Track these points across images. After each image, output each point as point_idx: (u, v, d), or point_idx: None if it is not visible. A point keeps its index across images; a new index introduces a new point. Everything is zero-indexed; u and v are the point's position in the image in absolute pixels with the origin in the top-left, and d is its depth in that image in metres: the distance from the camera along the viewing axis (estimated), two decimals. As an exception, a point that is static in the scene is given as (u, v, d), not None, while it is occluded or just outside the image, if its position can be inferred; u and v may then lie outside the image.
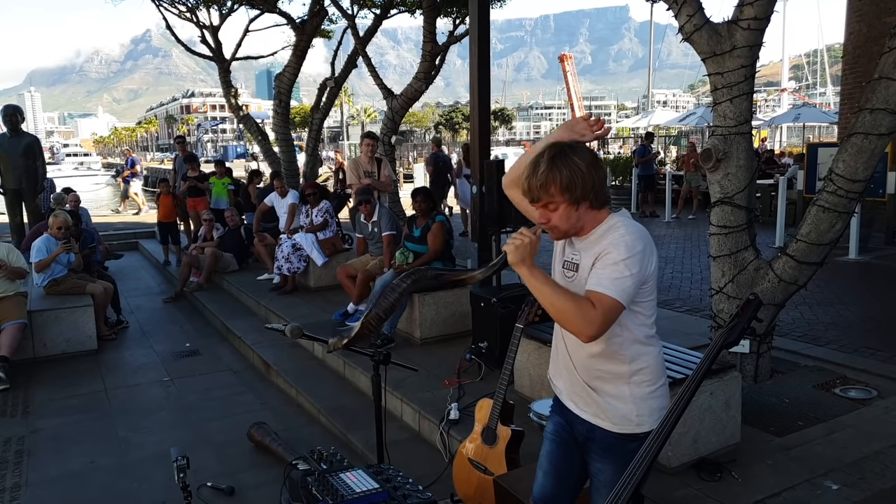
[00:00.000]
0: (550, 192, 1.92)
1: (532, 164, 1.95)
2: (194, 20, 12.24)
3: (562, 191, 1.91)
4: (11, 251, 6.06)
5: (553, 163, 1.91)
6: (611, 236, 1.99)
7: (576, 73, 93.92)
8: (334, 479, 2.20)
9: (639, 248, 1.97)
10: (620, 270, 1.92)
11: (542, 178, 1.91)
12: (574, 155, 1.93)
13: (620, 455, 2.06)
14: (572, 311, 1.88)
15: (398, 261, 5.79)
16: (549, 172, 1.91)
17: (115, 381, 5.58)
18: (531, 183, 1.94)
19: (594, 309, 1.88)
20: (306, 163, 12.59)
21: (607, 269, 1.92)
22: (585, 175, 1.92)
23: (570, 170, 1.90)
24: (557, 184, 1.90)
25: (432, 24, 8.61)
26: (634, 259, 1.95)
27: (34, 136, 9.85)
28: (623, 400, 2.07)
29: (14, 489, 3.76)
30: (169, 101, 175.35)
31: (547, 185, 1.91)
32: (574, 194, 1.92)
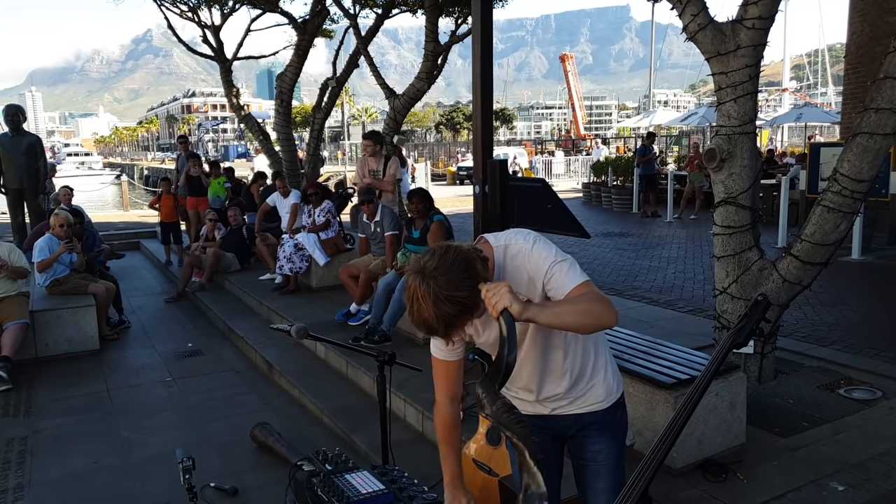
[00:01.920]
0: (457, 327, 1.77)
1: (420, 320, 1.74)
2: (196, 20, 12.22)
3: (466, 317, 1.76)
4: (13, 251, 6.05)
5: (437, 312, 1.70)
6: (520, 257, 1.91)
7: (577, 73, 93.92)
8: (339, 481, 2.19)
9: (545, 242, 1.92)
10: (567, 264, 1.88)
11: (445, 329, 1.74)
12: (440, 287, 1.69)
13: (615, 427, 2.15)
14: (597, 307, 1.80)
15: (400, 262, 5.78)
16: (443, 320, 1.72)
17: (117, 382, 5.57)
18: (440, 334, 1.77)
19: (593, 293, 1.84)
20: (308, 162, 12.58)
21: (555, 275, 1.87)
22: (467, 296, 1.71)
23: (456, 305, 1.70)
24: (459, 320, 1.74)
25: (434, 23, 8.60)
26: (553, 250, 1.90)
27: (36, 135, 9.84)
28: (600, 376, 2.12)
29: (17, 489, 3.75)
30: (170, 101, 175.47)
31: (451, 328, 1.75)
32: (471, 312, 1.76)
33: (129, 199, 19.95)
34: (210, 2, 11.85)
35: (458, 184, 28.28)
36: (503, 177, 5.10)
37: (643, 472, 1.78)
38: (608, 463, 2.14)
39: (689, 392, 1.92)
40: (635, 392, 3.40)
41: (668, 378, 3.34)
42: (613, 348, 3.86)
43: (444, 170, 33.91)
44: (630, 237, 11.55)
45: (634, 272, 8.56)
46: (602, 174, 18.07)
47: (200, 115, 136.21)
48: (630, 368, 3.47)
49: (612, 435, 2.16)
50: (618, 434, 2.18)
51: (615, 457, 2.15)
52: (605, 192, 17.04)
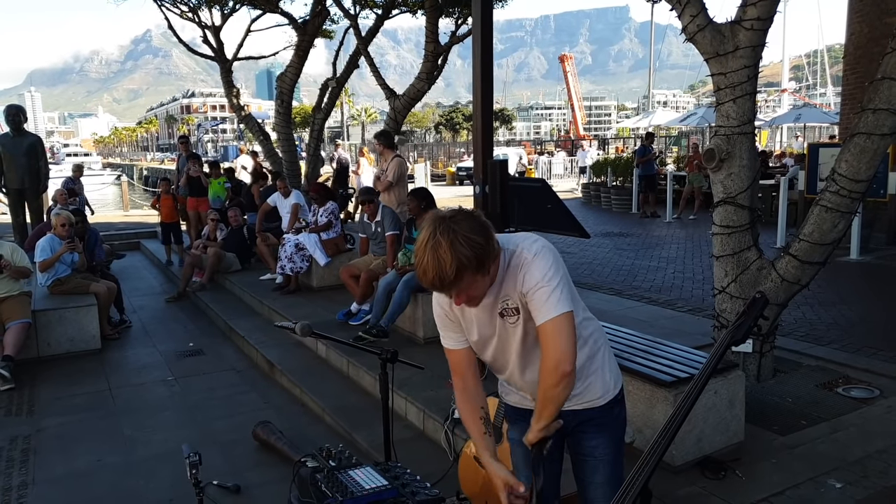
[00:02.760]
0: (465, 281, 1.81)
1: (432, 262, 1.76)
2: (196, 20, 12.25)
3: (475, 274, 1.81)
4: (15, 250, 6.07)
5: (455, 254, 1.75)
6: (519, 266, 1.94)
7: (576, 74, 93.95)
8: (343, 476, 2.22)
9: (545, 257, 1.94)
10: (550, 289, 1.91)
11: (452, 274, 1.76)
12: (463, 231, 1.77)
13: (613, 423, 2.20)
14: (556, 383, 1.92)
15: (401, 262, 5.81)
16: (455, 264, 1.75)
17: (119, 381, 5.60)
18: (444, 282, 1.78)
19: (556, 343, 1.91)
20: (308, 163, 12.60)
21: (542, 297, 1.91)
22: (485, 247, 1.80)
23: (475, 250, 1.77)
24: (470, 271, 1.79)
25: (435, 24, 8.63)
26: (550, 269, 1.93)
27: (37, 135, 9.86)
28: (598, 375, 2.16)
29: (21, 487, 3.77)
30: (169, 102, 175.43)
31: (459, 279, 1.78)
32: (486, 267, 1.84)
33: (129, 200, 19.96)
34: (210, 2, 11.88)
35: (458, 184, 28.30)
36: (503, 177, 5.14)
37: (643, 467, 1.81)
38: (606, 458, 2.18)
39: (688, 389, 1.94)
40: (635, 390, 3.43)
41: (667, 376, 3.36)
42: (613, 347, 3.88)
43: (443, 170, 33.92)
44: (629, 237, 11.58)
45: (634, 272, 8.59)
46: (601, 174, 18.10)
47: (200, 115, 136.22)
48: (630, 367, 3.50)
49: (610, 431, 2.20)
50: (616, 430, 2.23)
51: (613, 452, 2.20)
52: (605, 193, 17.08)
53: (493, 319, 2.05)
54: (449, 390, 4.34)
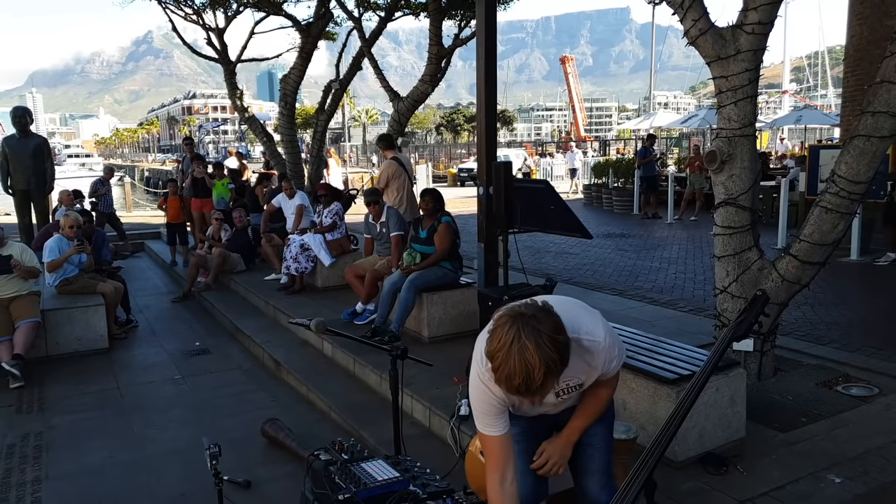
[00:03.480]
0: (548, 386, 1.80)
1: (519, 366, 1.72)
2: (200, 23, 12.32)
3: (557, 377, 1.80)
4: (25, 251, 6.14)
5: (542, 358, 1.72)
6: (596, 354, 2.04)
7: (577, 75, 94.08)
8: (356, 469, 2.28)
9: (614, 338, 2.10)
10: (621, 355, 2.14)
11: (540, 380, 1.74)
12: (546, 331, 1.75)
13: (608, 412, 2.33)
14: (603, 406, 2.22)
15: (405, 261, 5.86)
16: (544, 370, 1.73)
17: (127, 379, 5.67)
18: (530, 388, 1.75)
19: (609, 386, 2.21)
20: (311, 164, 12.66)
21: (616, 365, 2.13)
22: (567, 345, 1.79)
23: (559, 352, 1.75)
24: (554, 376, 1.78)
25: (438, 26, 8.70)
26: (617, 341, 2.11)
27: (43, 137, 9.93)
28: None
29: (35, 482, 3.84)
30: (170, 103, 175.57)
31: (546, 384, 1.77)
32: (567, 365, 1.82)
33: (132, 201, 20.05)
34: (215, 4, 11.95)
35: (459, 185, 28.39)
36: (507, 178, 5.20)
37: (647, 459, 1.88)
38: (601, 446, 2.30)
39: (690, 385, 2.02)
40: (638, 388, 3.50)
41: (669, 374, 3.43)
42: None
43: (444, 171, 34.00)
44: (631, 238, 11.64)
45: (636, 272, 8.65)
46: (603, 176, 18.17)
47: (201, 116, 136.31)
48: (633, 364, 3.56)
49: (606, 419, 2.34)
50: (609, 418, 2.37)
51: (608, 440, 2.33)
52: (606, 194, 17.15)
53: (546, 402, 2.16)
54: (455, 388, 4.40)
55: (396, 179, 7.41)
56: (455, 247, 5.86)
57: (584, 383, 2.13)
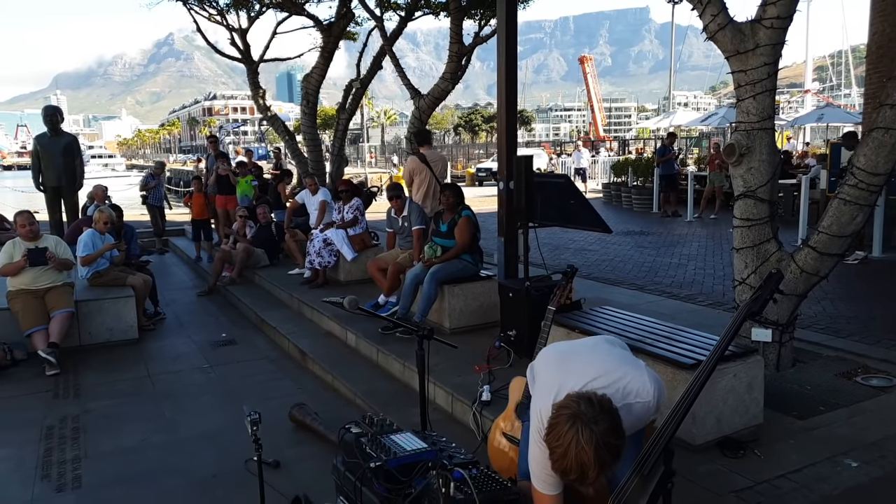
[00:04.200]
0: (605, 476, 1.94)
1: (576, 463, 1.84)
2: (224, 23, 12.55)
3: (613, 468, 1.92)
4: (59, 243, 6.35)
5: (597, 458, 1.83)
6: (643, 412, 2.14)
7: (596, 75, 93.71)
8: (385, 440, 2.40)
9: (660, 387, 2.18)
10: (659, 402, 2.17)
11: (594, 476, 1.85)
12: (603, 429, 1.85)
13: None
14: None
15: (427, 254, 5.98)
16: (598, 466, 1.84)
17: (157, 368, 5.84)
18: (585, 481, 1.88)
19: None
20: (332, 162, 12.84)
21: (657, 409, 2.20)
22: (623, 442, 1.89)
23: (613, 451, 1.86)
24: (609, 469, 1.90)
25: (459, 25, 8.81)
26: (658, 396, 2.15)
27: (73, 135, 10.17)
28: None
29: (75, 461, 4.01)
30: (191, 104, 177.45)
31: (601, 475, 1.89)
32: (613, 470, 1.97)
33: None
34: (238, 5, 12.17)
35: (478, 184, 28.47)
36: (528, 172, 5.30)
37: (668, 424, 1.97)
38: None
39: (708, 357, 2.10)
40: (656, 373, 3.57)
41: (688, 359, 3.51)
42: (637, 334, 4.03)
43: (462, 171, 34.09)
44: (650, 235, 11.67)
45: (655, 268, 8.70)
46: (622, 174, 18.17)
47: (221, 117, 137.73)
48: (651, 351, 3.65)
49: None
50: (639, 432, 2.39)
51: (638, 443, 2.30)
52: (626, 192, 17.15)
53: None
54: (476, 376, 4.51)
55: (419, 175, 7.53)
56: (475, 240, 5.96)
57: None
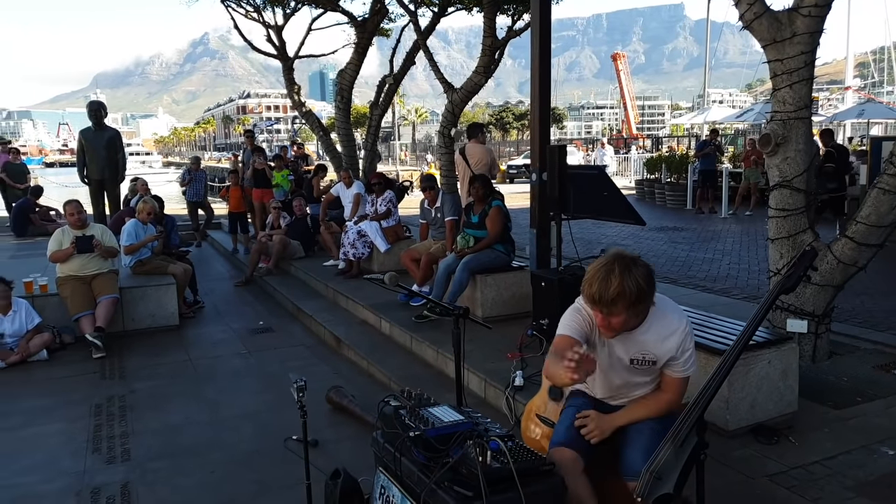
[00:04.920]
0: (618, 306, 2.21)
1: (602, 279, 2.19)
2: (260, 20, 12.78)
3: (627, 307, 2.21)
4: (105, 232, 6.58)
5: (623, 279, 2.17)
6: (673, 334, 2.35)
7: (629, 73, 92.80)
8: (424, 412, 2.47)
9: (691, 328, 2.39)
10: (691, 354, 2.38)
11: (614, 293, 2.17)
12: (637, 271, 2.20)
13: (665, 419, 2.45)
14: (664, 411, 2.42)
15: (460, 245, 6.05)
16: (620, 288, 2.17)
17: (198, 353, 6.02)
18: (602, 297, 2.20)
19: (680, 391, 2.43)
20: (365, 157, 13.00)
21: (689, 359, 2.38)
22: (647, 293, 2.23)
23: (637, 287, 2.18)
24: (626, 300, 2.19)
25: (492, 19, 8.84)
26: (687, 333, 2.37)
27: (116, 130, 10.46)
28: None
29: (123, 436, 4.19)
30: (225, 102, 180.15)
31: (616, 301, 2.19)
32: (636, 310, 2.26)
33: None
34: (274, 2, 12.39)
35: (508, 182, 28.44)
36: (562, 163, 5.32)
37: (703, 394, 2.01)
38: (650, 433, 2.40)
39: (742, 332, 2.14)
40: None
41: (721, 345, 3.52)
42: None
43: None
44: (684, 231, 11.58)
45: (689, 263, 8.65)
46: (655, 171, 18.02)
47: (255, 115, 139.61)
48: (685, 337, 3.66)
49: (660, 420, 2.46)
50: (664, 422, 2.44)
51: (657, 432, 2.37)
52: (659, 189, 17.00)
53: (618, 361, 2.46)
54: (508, 363, 4.58)
55: (458, 167, 7.63)
56: (507, 230, 6.02)
57: (656, 361, 2.40)
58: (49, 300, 6.30)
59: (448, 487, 2.17)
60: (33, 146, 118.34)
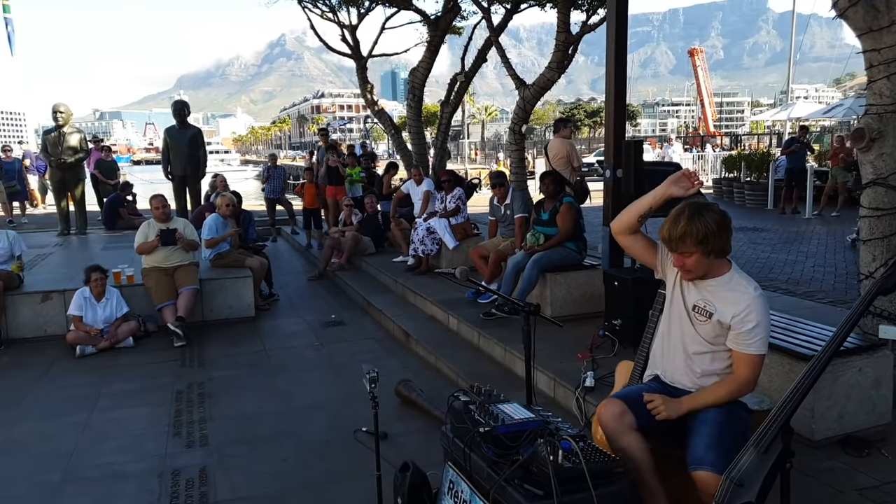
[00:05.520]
0: (687, 243, 2.35)
1: (672, 218, 2.37)
2: (335, 20, 13.06)
3: (696, 244, 2.34)
4: (187, 226, 6.86)
5: (691, 220, 2.33)
6: (741, 295, 2.41)
7: (706, 68, 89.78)
8: (494, 408, 2.45)
9: (765, 304, 2.41)
10: (762, 329, 2.38)
11: (681, 231, 2.34)
12: (708, 215, 2.34)
13: (733, 408, 2.47)
14: (733, 393, 2.43)
15: (529, 242, 5.99)
16: (687, 227, 2.33)
17: (272, 344, 6.20)
18: (671, 234, 2.37)
19: (748, 372, 2.42)
20: (435, 155, 13.08)
21: (755, 334, 2.38)
22: (717, 229, 2.34)
23: (706, 227, 2.32)
24: (693, 237, 2.33)
25: (566, 14, 8.73)
26: (766, 314, 2.40)
27: (198, 128, 10.89)
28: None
29: (201, 422, 4.35)
30: (300, 102, 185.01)
31: (684, 238, 2.34)
32: (706, 248, 2.35)
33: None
34: (349, 2, 12.62)
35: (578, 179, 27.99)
36: (638, 159, 5.19)
37: (789, 400, 1.91)
38: (716, 422, 2.37)
39: (832, 337, 2.02)
40: (772, 363, 3.44)
41: (807, 350, 3.35)
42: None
43: (564, 166, 33.58)
44: (765, 232, 11.10)
45: (770, 265, 8.28)
46: (734, 170, 17.35)
47: (328, 115, 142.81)
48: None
49: (727, 408, 2.45)
50: (732, 411, 2.46)
51: (721, 423, 2.38)
52: (738, 188, 16.35)
53: (681, 308, 2.56)
54: (578, 363, 4.49)
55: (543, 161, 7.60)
56: (579, 227, 5.91)
57: (713, 314, 2.44)
58: (135, 290, 6.61)
59: (518, 485, 2.14)
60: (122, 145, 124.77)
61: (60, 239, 10.39)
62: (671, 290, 2.62)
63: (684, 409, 2.45)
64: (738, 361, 2.44)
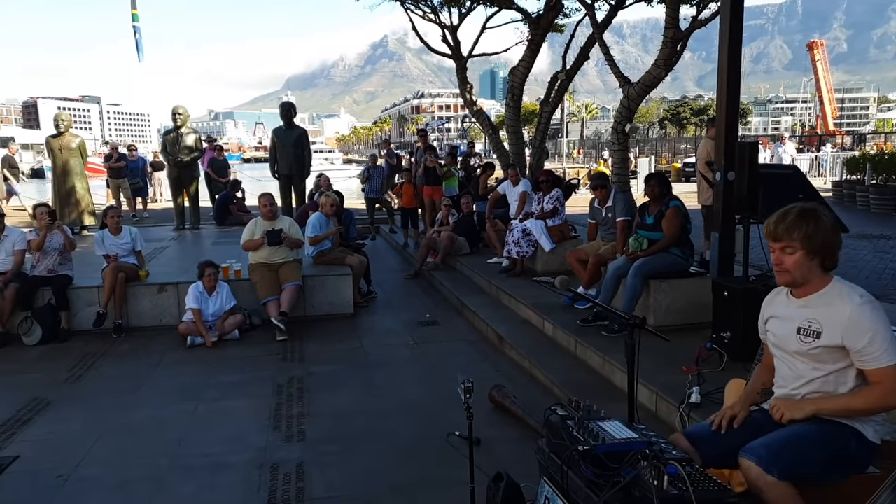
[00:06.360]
0: (793, 236, 2.24)
1: (782, 211, 2.30)
2: (437, 21, 13.15)
3: (803, 238, 2.23)
4: (292, 225, 7.10)
5: (803, 214, 2.25)
6: (844, 305, 2.24)
7: (827, 62, 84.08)
8: (593, 425, 2.34)
9: (874, 310, 2.22)
10: (882, 337, 2.18)
11: (791, 222, 2.25)
12: (822, 214, 2.26)
13: (834, 429, 2.32)
14: (870, 405, 2.24)
15: (632, 247, 5.74)
16: (797, 219, 2.24)
17: (370, 341, 6.31)
18: (777, 224, 2.28)
19: (880, 381, 2.20)
20: (532, 155, 12.90)
21: (874, 345, 2.18)
22: (827, 233, 2.25)
23: (816, 223, 2.23)
24: (801, 231, 2.23)
25: (675, 9, 8.35)
26: (881, 320, 2.20)
27: (303, 128, 11.25)
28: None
29: (300, 416, 4.48)
30: (401, 102, 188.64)
31: (791, 230, 2.24)
32: (812, 245, 2.23)
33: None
34: (450, 2, 12.67)
35: (684, 180, 26.88)
36: (752, 161, 4.87)
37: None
38: (795, 432, 2.29)
39: None
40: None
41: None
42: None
43: (667, 166, 32.43)
44: (893, 240, 10.20)
45: (898, 277, 7.60)
46: (857, 171, 16.09)
47: (428, 115, 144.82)
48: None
49: (824, 424, 2.31)
50: (829, 430, 2.30)
51: (801, 436, 2.27)
52: (861, 191, 15.15)
53: (786, 329, 2.41)
54: (682, 377, 4.26)
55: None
56: (685, 232, 5.62)
57: (821, 334, 2.27)
58: (242, 284, 6.91)
59: (619, 509, 2.03)
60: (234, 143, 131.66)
61: (176, 234, 11.06)
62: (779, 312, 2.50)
63: (808, 411, 2.31)
64: (872, 380, 2.24)
